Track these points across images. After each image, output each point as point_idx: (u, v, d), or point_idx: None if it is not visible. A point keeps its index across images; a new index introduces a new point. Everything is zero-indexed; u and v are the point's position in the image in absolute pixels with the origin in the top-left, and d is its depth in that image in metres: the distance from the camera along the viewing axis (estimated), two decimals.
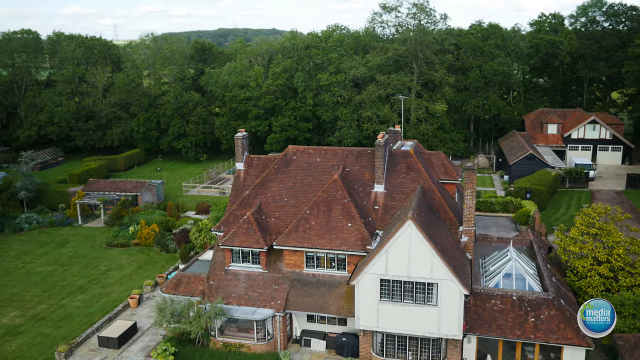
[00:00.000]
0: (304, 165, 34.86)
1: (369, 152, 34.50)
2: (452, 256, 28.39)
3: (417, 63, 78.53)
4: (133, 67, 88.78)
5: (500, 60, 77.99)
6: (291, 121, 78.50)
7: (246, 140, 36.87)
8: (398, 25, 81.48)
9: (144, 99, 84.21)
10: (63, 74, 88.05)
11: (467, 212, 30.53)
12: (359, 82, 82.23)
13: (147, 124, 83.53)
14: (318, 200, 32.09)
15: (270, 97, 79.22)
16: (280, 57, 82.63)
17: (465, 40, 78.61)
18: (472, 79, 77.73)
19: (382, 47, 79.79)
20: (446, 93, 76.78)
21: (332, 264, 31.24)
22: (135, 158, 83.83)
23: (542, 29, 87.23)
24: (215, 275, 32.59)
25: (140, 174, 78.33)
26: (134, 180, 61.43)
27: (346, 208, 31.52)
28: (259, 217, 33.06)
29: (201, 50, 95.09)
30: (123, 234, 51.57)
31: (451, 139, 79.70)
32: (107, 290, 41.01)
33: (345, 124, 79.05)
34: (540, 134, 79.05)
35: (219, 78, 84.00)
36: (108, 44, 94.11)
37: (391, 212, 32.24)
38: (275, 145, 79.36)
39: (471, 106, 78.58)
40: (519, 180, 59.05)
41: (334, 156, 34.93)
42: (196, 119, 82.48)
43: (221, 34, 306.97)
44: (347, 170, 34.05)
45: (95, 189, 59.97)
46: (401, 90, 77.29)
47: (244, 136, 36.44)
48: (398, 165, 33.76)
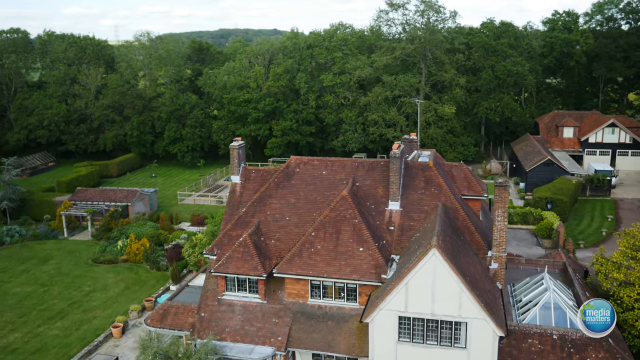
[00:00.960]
0: (309, 179, 30.74)
1: (382, 165, 30.38)
2: (483, 289, 24.27)
3: (425, 63, 74.42)
4: (127, 67, 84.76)
5: (514, 59, 73.80)
6: (293, 125, 74.43)
7: (243, 150, 32.77)
8: (405, 24, 77.38)
9: (139, 101, 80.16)
10: (54, 75, 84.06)
11: (497, 236, 26.40)
12: (364, 84, 78.17)
13: (142, 128, 79.49)
14: (325, 220, 27.98)
15: (271, 99, 75.15)
16: (281, 57, 78.58)
17: (476, 39, 74.46)
18: (484, 80, 73.57)
19: (389, 47, 75.73)
20: (457, 95, 72.64)
21: (341, 294, 27.12)
22: (129, 163, 79.77)
23: (555, 28, 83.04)
24: (206, 305, 28.49)
25: (133, 181, 74.27)
26: (124, 189, 57.37)
27: (357, 229, 27.40)
28: (257, 238, 28.95)
29: (199, 50, 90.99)
30: (111, 249, 47.50)
31: (461, 143, 75.62)
32: (89, 315, 36.91)
33: (350, 128, 74.96)
34: (555, 138, 74.88)
35: (216, 79, 79.95)
36: (101, 44, 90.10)
37: (408, 233, 28.12)
38: (276, 150, 75.27)
39: (483, 109, 74.41)
40: (538, 189, 54.86)
41: (342, 169, 30.80)
42: (193, 122, 78.42)
43: (222, 35, 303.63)
44: (357, 185, 29.93)
45: (83, 199, 55.93)
46: (409, 91, 73.18)
47: (241, 145, 32.33)
48: (415, 180, 29.63)
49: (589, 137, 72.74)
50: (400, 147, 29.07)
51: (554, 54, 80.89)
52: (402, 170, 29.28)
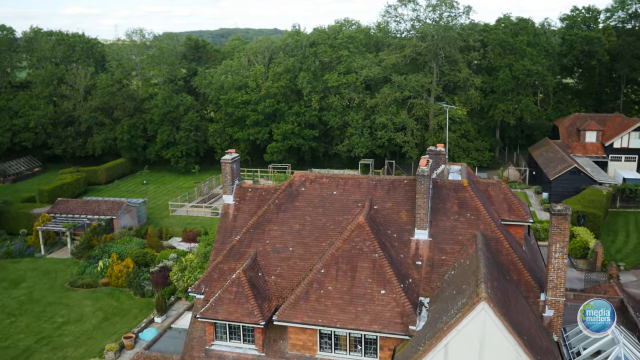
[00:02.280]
0: (316, 201, 25.45)
1: (406, 183, 25.08)
2: (540, 347, 19.00)
3: (436, 62, 69.08)
4: (119, 66, 79.50)
5: (534, 58, 68.44)
6: (294, 128, 69.09)
7: (237, 164, 27.47)
8: (415, 20, 71.98)
9: (130, 103, 74.86)
10: (40, 74, 78.77)
11: (554, 276, 21.12)
12: (371, 84, 72.87)
13: (132, 131, 74.19)
14: (337, 253, 22.72)
15: (271, 100, 69.82)
16: (282, 56, 73.25)
17: (493, 37, 69.07)
18: (501, 80, 68.17)
19: (398, 44, 70.40)
20: (471, 96, 67.31)
21: (358, 347, 21.88)
22: (119, 169, 74.47)
23: (575, 24, 77.73)
24: (191, 357, 23.25)
25: (123, 188, 69.00)
26: (109, 200, 52.10)
27: (377, 266, 22.14)
28: (254, 274, 23.69)
29: (194, 48, 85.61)
30: (90, 270, 42.22)
31: (475, 148, 70.28)
32: (58, 355, 31.66)
33: (356, 131, 69.64)
34: (577, 143, 69.52)
35: (213, 79, 74.65)
36: (91, 42, 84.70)
37: (439, 269, 22.85)
38: (277, 155, 69.92)
39: (500, 111, 69.02)
40: (568, 202, 49.50)
41: (356, 188, 25.50)
42: (187, 125, 73.09)
43: (222, 34, 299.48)
44: (375, 209, 24.64)
45: (64, 211, 50.67)
46: (420, 92, 67.83)
47: (234, 159, 27.03)
48: (447, 202, 24.33)
49: (613, 142, 67.37)
50: (428, 163, 23.76)
51: (575, 53, 75.55)
52: (430, 190, 24.01)
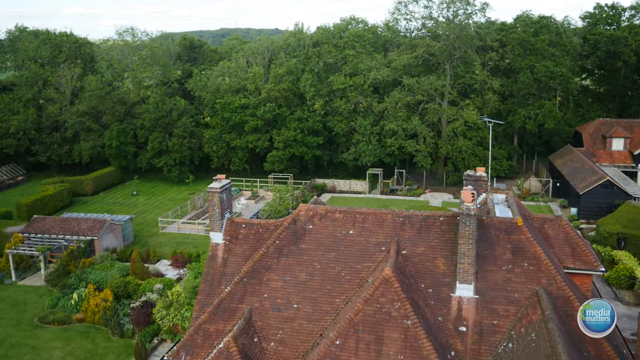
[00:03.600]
0: (328, 242, 20.06)
1: (442, 221, 19.68)
2: None
3: (450, 63, 63.65)
4: (108, 67, 74.15)
5: (556, 59, 62.99)
6: (297, 135, 63.63)
7: (229, 193, 22.07)
8: (427, 17, 66.51)
9: (119, 107, 69.44)
10: (23, 75, 73.40)
11: None
12: (379, 87, 67.48)
13: (122, 137, 68.76)
14: (357, 318, 17.32)
15: (272, 105, 64.40)
16: (283, 57, 67.81)
17: (512, 36, 63.55)
18: (522, 83, 62.67)
19: (409, 44, 64.97)
20: (489, 100, 61.87)
21: None
22: (108, 178, 69.02)
23: (599, 22, 72.27)
24: None
25: (111, 200, 63.62)
26: (91, 218, 46.65)
27: (411, 337, 16.74)
28: (248, 341, 18.30)
29: (189, 48, 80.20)
30: (64, 303, 36.79)
31: (493, 156, 64.84)
32: None
33: (364, 138, 64.20)
34: (602, 151, 64.03)
35: (208, 81, 69.26)
36: (79, 41, 79.33)
37: (491, 339, 17.43)
38: (278, 164, 64.45)
39: (520, 117, 63.51)
40: (605, 221, 44.04)
41: (379, 226, 20.09)
42: (181, 131, 67.63)
43: (223, 34, 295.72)
44: (404, 255, 19.24)
45: (40, 230, 45.28)
46: (434, 96, 62.37)
47: (225, 187, 21.62)
48: (497, 247, 18.91)
49: None
50: (474, 198, 18.29)
51: (599, 53, 70.05)
52: (474, 232, 18.57)
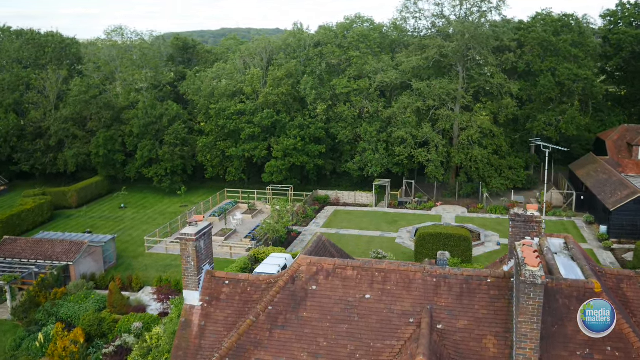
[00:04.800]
0: (337, 310, 15.14)
1: (490, 284, 14.74)
2: None
3: (463, 65, 58.73)
4: (95, 70, 69.29)
5: (580, 61, 58.06)
6: (297, 143, 58.66)
7: (206, 239, 17.10)
8: (438, 16, 61.56)
9: (106, 112, 64.54)
10: (5, 78, 68.54)
11: None
12: (385, 90, 62.55)
13: (109, 145, 63.85)
14: None
15: (270, 110, 59.46)
16: (282, 57, 62.88)
17: (532, 35, 58.50)
18: (543, 87, 57.67)
19: (419, 44, 60.01)
20: (507, 106, 56.92)
21: None
22: (94, 189, 64.10)
23: (623, 21, 67.26)
24: None
25: (96, 214, 58.75)
26: (67, 240, 41.66)
27: None
28: None
29: (183, 48, 75.30)
30: (28, 343, 31.90)
31: (508, 166, 59.92)
32: None
33: (370, 146, 59.28)
34: (628, 160, 59.00)
35: (202, 84, 64.37)
36: (65, 41, 74.51)
37: None
38: (277, 175, 59.44)
39: (540, 123, 58.46)
40: None
41: (405, 288, 15.14)
42: (172, 138, 62.69)
43: (223, 34, 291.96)
44: (440, 330, 14.32)
45: (10, 254, 40.38)
46: (446, 101, 57.43)
47: (202, 233, 16.66)
48: (567, 323, 13.97)
49: None
50: (540, 259, 13.30)
51: (623, 54, 65.06)
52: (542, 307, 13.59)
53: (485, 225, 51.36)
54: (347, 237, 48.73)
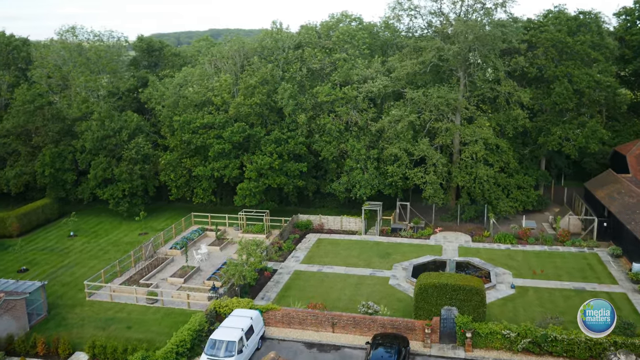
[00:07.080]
0: None
1: None
2: None
3: (465, 71, 50.99)
4: (44, 76, 60.70)
5: (601, 66, 50.54)
6: (274, 161, 50.47)
7: None
8: (435, 14, 53.74)
9: (53, 125, 56.02)
10: None
11: None
12: (375, 98, 54.59)
13: (58, 163, 55.35)
14: None
15: (242, 124, 51.24)
16: (257, 61, 54.71)
17: (544, 36, 50.74)
18: (559, 96, 49.98)
19: (414, 46, 52.15)
20: (516, 117, 49.23)
21: None
22: (41, 214, 55.50)
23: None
24: None
25: (40, 244, 50.25)
26: None
27: None
28: None
29: (147, 51, 66.83)
30: None
31: (517, 185, 52.23)
32: None
33: (358, 165, 51.34)
34: None
35: (167, 91, 56.09)
36: (13, 42, 65.80)
37: None
38: (250, 199, 51.04)
39: (555, 137, 50.73)
40: None
41: None
42: (133, 153, 54.31)
43: (213, 34, 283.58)
44: None
45: None
46: (445, 113, 49.58)
47: None
48: None
49: None
50: None
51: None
52: None
53: (493, 259, 43.55)
54: (331, 277, 40.72)
